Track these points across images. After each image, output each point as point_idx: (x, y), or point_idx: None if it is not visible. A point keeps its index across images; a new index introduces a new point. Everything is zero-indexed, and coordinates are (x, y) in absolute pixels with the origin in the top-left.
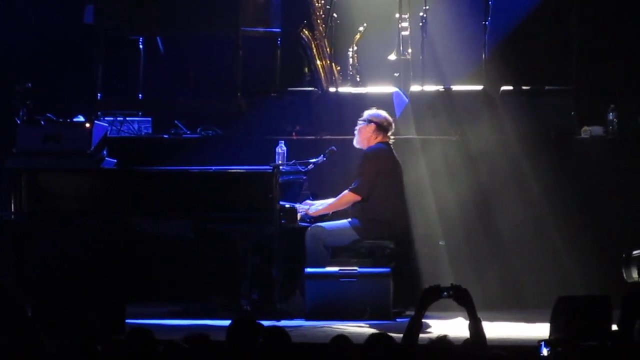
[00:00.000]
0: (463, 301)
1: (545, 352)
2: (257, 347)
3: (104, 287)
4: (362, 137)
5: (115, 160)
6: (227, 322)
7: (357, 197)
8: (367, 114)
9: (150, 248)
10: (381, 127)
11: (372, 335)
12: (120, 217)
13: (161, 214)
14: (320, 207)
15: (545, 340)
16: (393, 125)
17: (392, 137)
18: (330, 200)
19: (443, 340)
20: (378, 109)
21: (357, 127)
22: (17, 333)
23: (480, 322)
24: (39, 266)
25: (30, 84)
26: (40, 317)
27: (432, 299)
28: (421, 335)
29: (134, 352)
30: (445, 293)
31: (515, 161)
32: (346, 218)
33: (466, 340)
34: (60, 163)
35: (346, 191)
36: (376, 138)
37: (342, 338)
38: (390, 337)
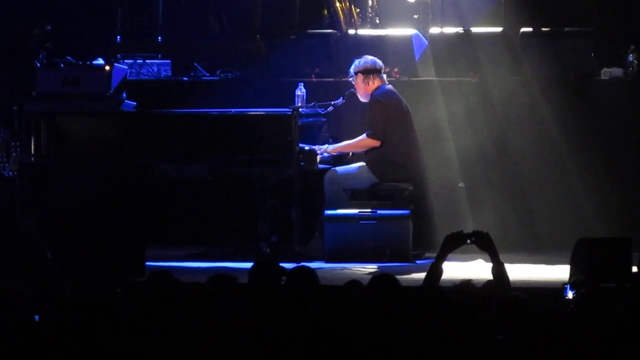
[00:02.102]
0: (485, 246)
1: (570, 294)
2: (279, 289)
3: (123, 230)
4: (360, 92)
5: (135, 103)
6: (246, 265)
7: (376, 142)
8: (351, 69)
9: (169, 191)
10: (367, 71)
11: (376, 276)
12: (139, 159)
13: (180, 156)
14: (339, 146)
15: (570, 283)
16: (379, 63)
17: (395, 75)
18: (349, 144)
19: (467, 284)
20: (359, 57)
21: (353, 85)
22: (38, 276)
23: (503, 265)
24: (58, 209)
25: (49, 27)
26: (60, 261)
27: (454, 245)
28: (444, 278)
29: (155, 294)
30: (467, 239)
31: (534, 103)
32: (364, 161)
33: (488, 282)
34: (79, 106)
35: (363, 136)
36: (372, 84)
37: (356, 283)
38: (395, 278)
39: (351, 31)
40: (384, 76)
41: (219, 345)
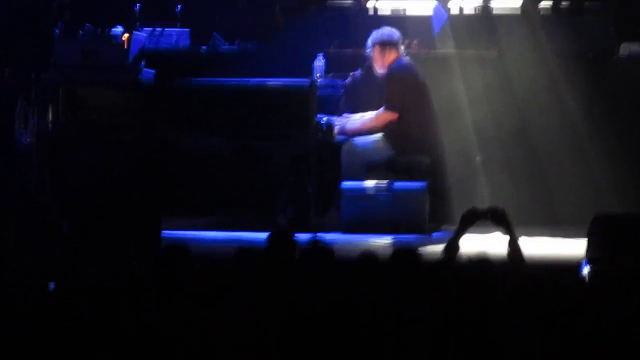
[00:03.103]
0: (501, 223)
1: (586, 270)
2: (294, 261)
3: (140, 202)
4: (377, 64)
5: (153, 72)
6: (262, 235)
7: (394, 115)
8: (368, 41)
9: (186, 162)
10: (384, 43)
11: (398, 250)
12: (158, 130)
13: (198, 128)
14: (358, 124)
15: (586, 259)
16: (396, 35)
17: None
18: (367, 118)
19: (482, 257)
20: (377, 28)
21: (370, 57)
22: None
23: (517, 242)
24: (74, 180)
25: None
26: (75, 233)
27: (470, 222)
28: (460, 252)
29: (170, 268)
30: (483, 216)
31: (552, 79)
32: (381, 134)
33: (505, 258)
34: (97, 76)
35: (381, 110)
36: (389, 56)
37: (370, 255)
38: (417, 252)
39: (370, 3)
40: (402, 48)
41: (233, 320)
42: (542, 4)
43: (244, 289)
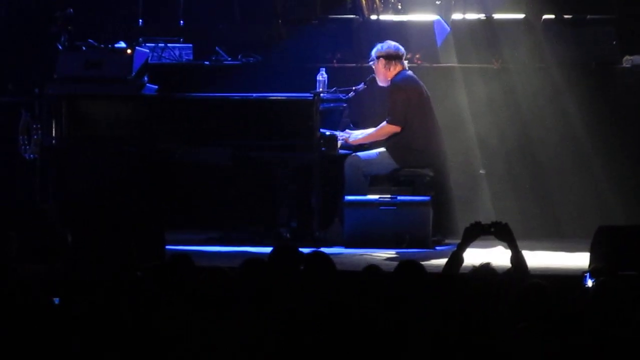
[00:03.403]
0: (504, 236)
1: (590, 283)
2: (299, 274)
3: (144, 213)
4: (380, 76)
5: (156, 87)
6: (265, 250)
7: (396, 128)
8: (373, 52)
9: (190, 175)
10: (390, 57)
11: (402, 262)
12: (160, 143)
13: (201, 141)
14: (360, 137)
15: (589, 271)
16: (402, 49)
17: (417, 62)
18: (370, 130)
19: (486, 267)
20: (382, 41)
21: (373, 69)
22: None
23: (522, 254)
24: (78, 193)
25: (71, 10)
26: (80, 244)
27: (473, 236)
28: (464, 264)
29: (174, 277)
30: (487, 230)
31: (556, 90)
32: (384, 147)
33: (507, 270)
34: (101, 89)
35: (384, 123)
36: (394, 69)
37: (374, 267)
38: (421, 264)
39: (373, 17)
40: (405, 63)
41: (237, 329)
42: (545, 16)
43: (248, 297)
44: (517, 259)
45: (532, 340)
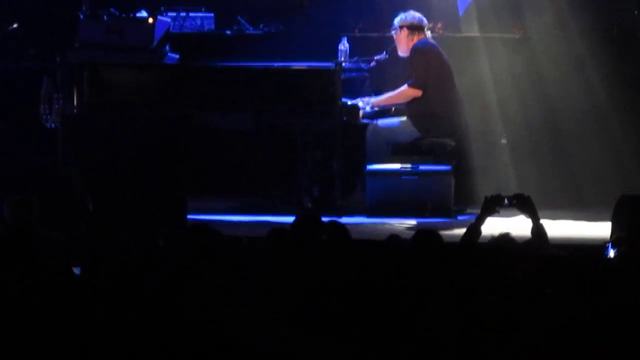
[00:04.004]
0: (526, 208)
1: (612, 252)
2: (320, 243)
3: (166, 180)
4: (402, 46)
5: (178, 56)
6: (287, 218)
7: (417, 92)
8: (395, 21)
9: (211, 142)
10: (413, 27)
11: (419, 231)
12: (182, 111)
13: (222, 108)
14: (381, 99)
15: (611, 241)
16: (425, 20)
17: (438, 31)
18: (391, 93)
19: (506, 237)
20: (405, 11)
21: (394, 38)
22: (79, 227)
23: (542, 226)
24: (100, 161)
25: None
26: (102, 211)
27: (494, 207)
28: (484, 234)
29: (196, 246)
30: (507, 202)
31: (577, 58)
32: (406, 115)
33: (527, 240)
34: (122, 58)
35: (405, 86)
36: (414, 39)
37: (396, 238)
38: (438, 234)
39: None
40: (428, 33)
41: (259, 300)
42: None
43: (272, 267)
44: (538, 231)
45: (553, 310)
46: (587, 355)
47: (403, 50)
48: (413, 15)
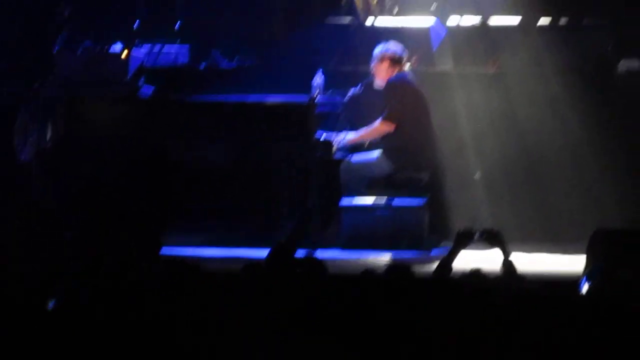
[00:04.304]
0: (495, 244)
1: (586, 287)
2: (294, 277)
3: (141, 214)
4: (381, 77)
5: (152, 89)
6: (262, 252)
7: (390, 126)
8: (377, 51)
9: (185, 177)
10: (394, 59)
11: (391, 266)
12: (157, 145)
13: (197, 143)
14: (355, 136)
15: (585, 275)
16: (406, 52)
17: (412, 65)
18: (365, 128)
19: (476, 273)
20: (386, 42)
21: (372, 67)
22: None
23: (513, 263)
24: (75, 194)
25: (69, 11)
26: (77, 243)
27: (464, 243)
28: (455, 268)
29: (170, 280)
30: (478, 236)
31: (552, 94)
32: (381, 149)
33: (499, 276)
34: (97, 91)
35: (378, 121)
36: (394, 72)
37: (370, 272)
38: (409, 268)
39: (369, 19)
40: (407, 65)
41: (232, 333)
42: (541, 20)
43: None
44: (508, 266)
45: (527, 344)
46: None
47: (381, 80)
48: (395, 46)
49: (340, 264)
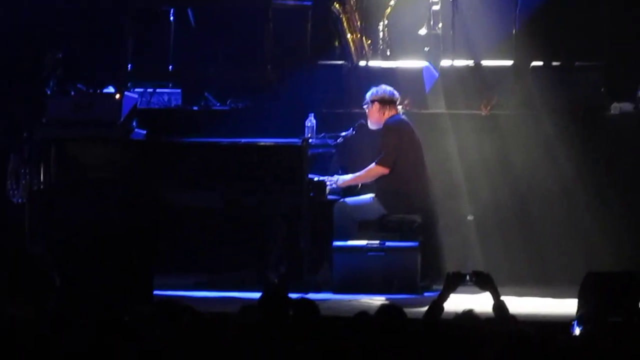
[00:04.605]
0: (486, 286)
1: (577, 330)
2: (287, 319)
3: (132, 257)
4: (373, 119)
5: (145, 132)
6: (254, 295)
7: (385, 170)
8: (367, 94)
9: (178, 219)
10: (384, 101)
11: (382, 307)
12: (149, 187)
13: (189, 185)
14: (348, 178)
15: (577, 318)
16: (396, 94)
17: (405, 107)
18: (359, 172)
19: (469, 314)
20: (377, 85)
21: (366, 111)
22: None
23: (504, 303)
24: (68, 236)
25: (60, 54)
26: (68, 287)
27: (454, 285)
28: (447, 309)
29: (161, 323)
30: (467, 279)
31: (545, 137)
32: (373, 191)
33: (490, 318)
34: (89, 133)
35: (373, 164)
36: (388, 113)
37: (365, 314)
38: (401, 309)
39: (362, 62)
40: (400, 107)
41: None
42: (534, 63)
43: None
44: (500, 308)
45: None
46: None
47: (374, 124)
48: (384, 89)
49: (333, 305)
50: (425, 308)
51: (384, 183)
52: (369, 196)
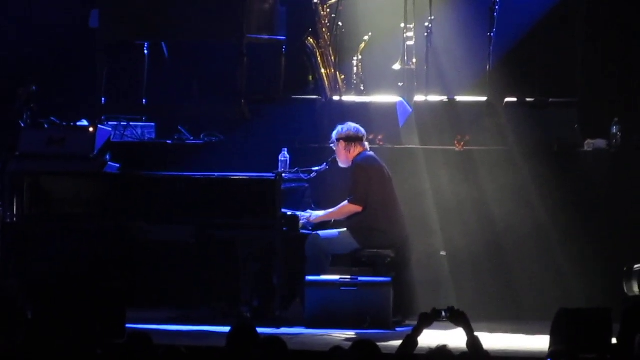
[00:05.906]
0: (460, 323)
1: None
2: (255, 354)
3: (105, 291)
4: (341, 157)
5: (118, 165)
6: (226, 329)
7: (358, 208)
8: (333, 134)
9: (152, 253)
10: (350, 139)
11: (357, 342)
12: (122, 221)
13: (163, 219)
14: (321, 215)
15: (549, 354)
16: (362, 131)
17: (379, 142)
18: (331, 209)
19: (442, 350)
20: (343, 123)
21: (335, 150)
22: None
23: (478, 339)
24: (40, 269)
25: (34, 87)
26: (41, 320)
27: (429, 321)
28: (421, 344)
29: (133, 356)
30: (442, 316)
31: (518, 173)
32: (346, 227)
33: (464, 354)
34: (63, 166)
35: (345, 202)
36: (354, 151)
37: (339, 349)
38: (375, 344)
39: (336, 97)
40: (366, 144)
41: None
42: (507, 99)
43: None
44: (474, 344)
45: None
46: None
47: (343, 162)
48: (349, 126)
49: (305, 340)
50: (398, 343)
51: (357, 219)
52: (341, 230)
